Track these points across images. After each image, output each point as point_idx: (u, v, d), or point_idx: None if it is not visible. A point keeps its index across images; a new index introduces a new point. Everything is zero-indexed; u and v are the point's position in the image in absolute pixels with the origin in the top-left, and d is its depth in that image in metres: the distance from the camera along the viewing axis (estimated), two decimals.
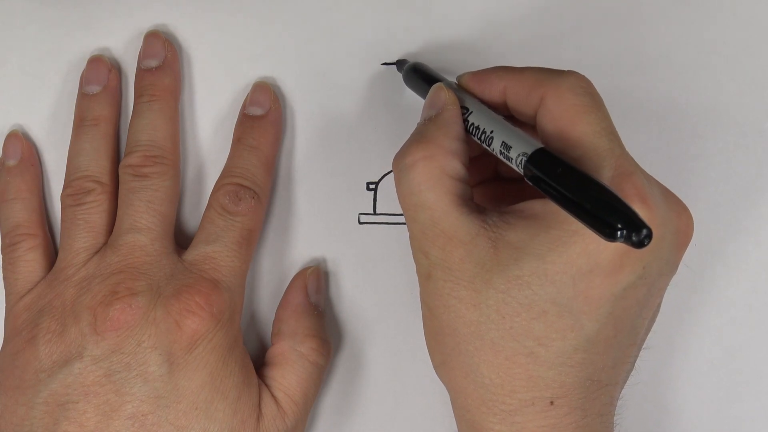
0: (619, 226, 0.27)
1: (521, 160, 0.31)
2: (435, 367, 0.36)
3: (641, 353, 0.35)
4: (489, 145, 0.33)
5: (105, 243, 0.39)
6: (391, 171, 0.42)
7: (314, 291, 0.41)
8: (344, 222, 0.42)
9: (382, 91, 0.42)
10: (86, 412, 0.36)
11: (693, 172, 0.41)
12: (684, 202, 0.34)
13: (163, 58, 0.41)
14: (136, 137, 0.40)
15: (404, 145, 0.35)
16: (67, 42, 0.42)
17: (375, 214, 0.42)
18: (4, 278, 0.41)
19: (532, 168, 0.30)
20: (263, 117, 0.41)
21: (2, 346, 0.39)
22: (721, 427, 0.42)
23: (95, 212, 0.39)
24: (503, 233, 0.32)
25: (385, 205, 0.42)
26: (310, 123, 0.42)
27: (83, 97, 0.41)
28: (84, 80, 0.41)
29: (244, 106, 0.41)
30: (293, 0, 0.42)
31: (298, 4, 0.42)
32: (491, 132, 0.33)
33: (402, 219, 0.42)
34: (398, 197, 0.34)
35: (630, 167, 0.32)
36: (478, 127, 0.34)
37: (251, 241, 0.40)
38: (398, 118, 0.42)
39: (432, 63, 0.40)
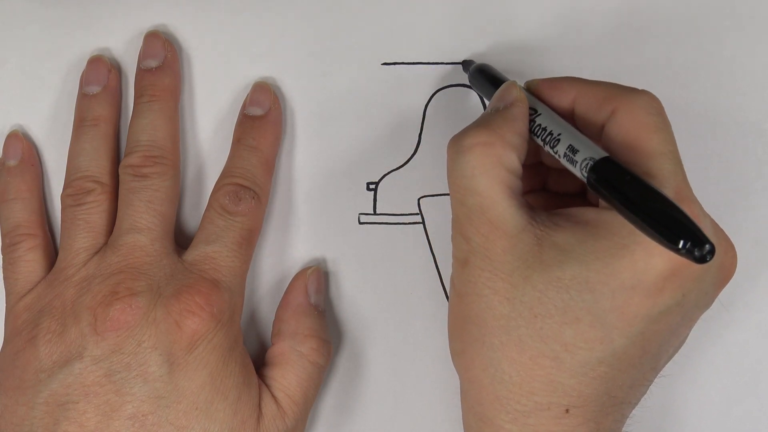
0: (683, 237, 0.27)
1: (587, 164, 0.31)
2: (453, 354, 0.36)
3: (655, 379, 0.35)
4: (553, 147, 0.33)
5: (105, 243, 0.39)
6: (390, 171, 0.42)
7: (314, 291, 0.41)
8: (344, 222, 0.42)
9: (382, 91, 0.42)
10: (86, 412, 0.36)
11: (693, 172, 0.41)
12: None
13: (163, 58, 0.41)
14: (136, 137, 0.40)
15: (465, 128, 0.34)
16: (67, 42, 0.42)
17: (375, 214, 0.42)
18: (4, 278, 0.41)
19: (596, 173, 0.31)
20: (263, 117, 0.41)
21: (2, 346, 0.39)
22: (721, 428, 0.42)
23: (95, 212, 0.39)
24: (550, 233, 0.32)
25: (385, 205, 0.42)
26: (310, 123, 0.42)
27: (83, 97, 0.41)
28: (84, 80, 0.41)
29: (244, 106, 0.41)
30: (293, 0, 0.42)
31: (299, 4, 0.42)
32: (558, 134, 0.33)
33: (402, 219, 0.42)
34: (448, 177, 0.34)
35: (689, 194, 0.32)
36: (544, 129, 0.34)
37: (251, 241, 0.40)
38: (398, 118, 0.42)
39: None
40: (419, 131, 0.42)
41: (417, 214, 0.42)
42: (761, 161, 0.42)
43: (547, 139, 0.34)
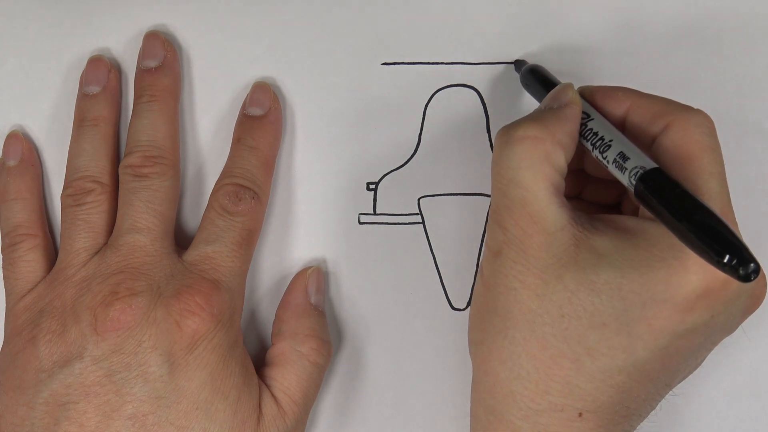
0: (729, 253, 0.27)
1: (636, 172, 0.31)
2: (471, 343, 0.36)
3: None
4: (602, 152, 0.34)
5: (105, 243, 0.39)
6: (390, 171, 0.42)
7: (314, 291, 0.41)
8: (344, 222, 0.42)
9: (382, 91, 0.42)
10: (87, 412, 0.36)
11: None
12: None
13: (163, 59, 0.41)
14: (136, 137, 0.40)
15: (516, 120, 0.34)
16: (67, 42, 0.42)
17: (375, 214, 0.42)
18: (5, 278, 0.41)
19: (645, 183, 0.31)
20: (263, 117, 0.41)
21: (2, 347, 0.39)
22: (721, 428, 0.42)
23: (95, 212, 0.39)
24: (589, 235, 0.33)
25: (385, 205, 0.42)
26: (310, 123, 0.42)
27: (83, 97, 0.41)
28: (84, 80, 0.41)
29: (243, 107, 0.41)
30: (293, 0, 0.42)
31: (298, 4, 0.42)
32: (610, 141, 0.34)
33: (402, 219, 0.42)
34: (493, 166, 0.34)
35: (732, 217, 0.33)
36: (596, 134, 0.34)
37: (251, 242, 0.40)
38: (398, 118, 0.42)
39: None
40: (419, 131, 0.42)
41: (417, 214, 0.42)
42: (761, 161, 0.42)
43: (597, 144, 0.34)
